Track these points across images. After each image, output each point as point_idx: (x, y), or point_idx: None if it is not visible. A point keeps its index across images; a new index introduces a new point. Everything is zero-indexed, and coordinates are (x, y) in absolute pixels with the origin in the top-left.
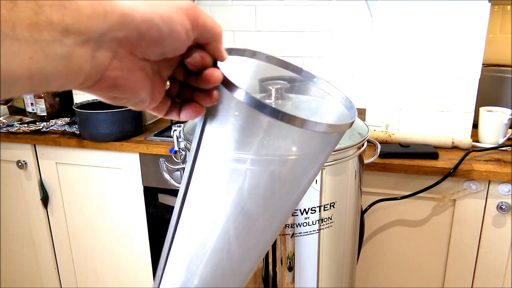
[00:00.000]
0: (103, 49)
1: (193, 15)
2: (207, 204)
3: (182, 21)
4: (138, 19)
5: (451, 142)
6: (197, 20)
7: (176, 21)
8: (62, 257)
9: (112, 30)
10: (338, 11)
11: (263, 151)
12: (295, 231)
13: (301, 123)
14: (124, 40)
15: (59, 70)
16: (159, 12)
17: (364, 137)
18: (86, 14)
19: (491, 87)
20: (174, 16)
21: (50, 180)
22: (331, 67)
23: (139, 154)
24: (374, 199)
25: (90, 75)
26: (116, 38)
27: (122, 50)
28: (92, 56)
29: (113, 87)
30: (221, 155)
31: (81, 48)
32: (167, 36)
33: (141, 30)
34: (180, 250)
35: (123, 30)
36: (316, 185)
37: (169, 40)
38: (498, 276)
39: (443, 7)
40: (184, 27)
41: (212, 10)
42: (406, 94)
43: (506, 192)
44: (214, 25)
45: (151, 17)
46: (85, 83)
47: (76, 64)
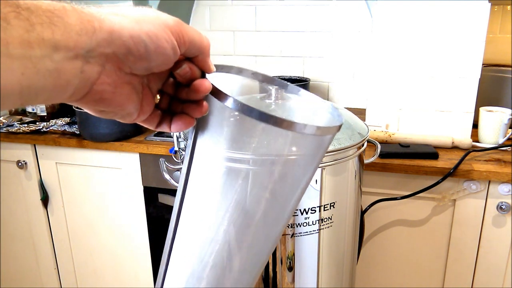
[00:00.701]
0: (91, 64)
1: (179, 31)
2: (204, 214)
3: (167, 37)
4: (126, 35)
5: (451, 142)
6: (183, 36)
7: (161, 38)
8: (62, 257)
9: (100, 46)
10: (338, 11)
11: (256, 155)
12: (295, 231)
13: (288, 126)
14: (112, 56)
15: (48, 84)
16: (145, 30)
17: (364, 137)
18: (75, 31)
19: (491, 87)
20: (159, 33)
21: (50, 180)
22: (331, 67)
23: (139, 154)
24: (374, 199)
25: (78, 89)
26: (104, 53)
27: (110, 65)
28: (80, 70)
29: (100, 100)
30: (214, 164)
31: (70, 63)
32: (153, 52)
33: (129, 46)
34: (179, 261)
35: (111, 46)
36: (316, 185)
37: (155, 56)
38: (498, 276)
39: (443, 7)
40: (170, 43)
41: (212, 10)
42: (406, 94)
43: (506, 192)
44: (201, 39)
45: (138, 34)
46: (73, 97)
47: (65, 79)
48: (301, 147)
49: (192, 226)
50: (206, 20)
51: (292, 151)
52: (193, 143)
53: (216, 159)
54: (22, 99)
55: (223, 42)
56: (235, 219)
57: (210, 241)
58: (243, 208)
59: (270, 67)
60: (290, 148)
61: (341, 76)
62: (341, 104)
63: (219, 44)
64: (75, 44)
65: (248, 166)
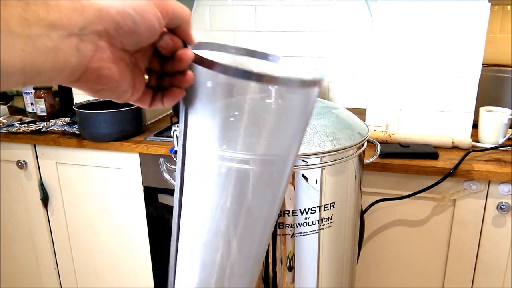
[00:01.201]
0: (85, 42)
1: (161, 4)
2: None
3: (152, 10)
4: (113, 11)
5: (451, 142)
6: (166, 8)
7: (147, 11)
8: (62, 257)
9: (91, 24)
10: (338, 11)
11: (248, 122)
12: (295, 231)
13: (271, 80)
14: (103, 33)
15: (48, 62)
16: (131, 4)
17: (364, 137)
18: (67, 10)
19: (491, 87)
20: (144, 7)
21: (50, 180)
22: (331, 67)
23: (139, 154)
24: (374, 199)
25: (76, 67)
26: (96, 31)
27: (102, 42)
28: (76, 49)
29: (98, 78)
30: (208, 137)
31: (66, 41)
32: (141, 24)
33: (117, 21)
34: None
35: (101, 23)
36: (316, 185)
37: (143, 28)
38: (498, 276)
39: (443, 7)
40: (155, 15)
41: (212, 10)
42: (406, 94)
43: (506, 192)
44: (183, 10)
45: (124, 9)
46: (72, 76)
47: (63, 57)
48: (287, 105)
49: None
50: (206, 20)
51: (279, 107)
52: (185, 118)
53: (209, 131)
54: (25, 77)
55: (223, 42)
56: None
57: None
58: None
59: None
60: (278, 106)
61: (341, 76)
62: (341, 104)
63: None
64: (69, 22)
65: (242, 131)
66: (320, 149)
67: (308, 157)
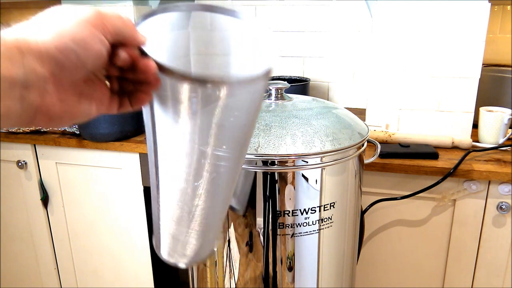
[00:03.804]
0: (30, 89)
1: (100, 22)
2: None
3: (93, 35)
4: (53, 50)
5: (451, 142)
6: (106, 26)
7: (88, 38)
8: (62, 257)
9: (34, 71)
10: (338, 11)
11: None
12: (295, 231)
13: (216, 84)
14: (49, 75)
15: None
16: (70, 37)
17: (364, 137)
18: (4, 60)
19: (491, 87)
20: (84, 34)
21: (50, 180)
22: (331, 67)
23: (139, 154)
24: (374, 199)
25: (23, 114)
26: (41, 76)
27: (49, 85)
28: (20, 98)
29: (52, 118)
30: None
31: (8, 92)
32: (84, 56)
33: (61, 60)
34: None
35: (44, 67)
36: (316, 185)
37: (88, 58)
38: (498, 276)
39: (443, 7)
40: (98, 40)
41: None
42: (406, 94)
43: (506, 192)
44: (123, 20)
45: (64, 45)
46: (20, 122)
47: (4, 108)
48: (235, 96)
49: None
50: None
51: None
52: (152, 112)
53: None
54: None
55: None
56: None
57: None
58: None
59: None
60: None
61: (341, 76)
62: (341, 104)
63: None
64: (8, 74)
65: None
66: (320, 149)
67: (308, 157)
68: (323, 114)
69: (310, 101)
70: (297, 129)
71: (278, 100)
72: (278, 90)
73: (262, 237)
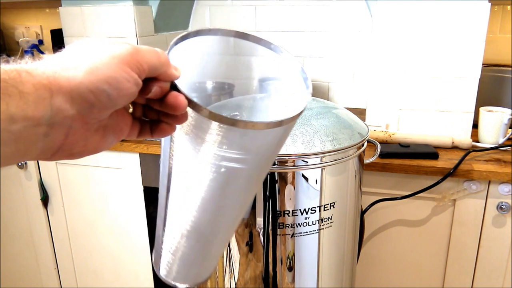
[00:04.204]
0: (56, 128)
1: (136, 62)
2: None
3: (127, 76)
4: (85, 91)
5: (451, 142)
6: (141, 65)
7: (121, 80)
8: (62, 257)
9: (62, 111)
10: (338, 11)
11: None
12: (295, 231)
13: (247, 125)
14: (77, 115)
15: (7, 151)
16: (103, 78)
17: (364, 137)
18: (31, 101)
19: (491, 87)
20: (118, 75)
21: (50, 180)
22: (331, 67)
23: (139, 154)
24: (374, 199)
25: (44, 151)
26: (68, 116)
27: (76, 123)
28: (44, 135)
29: (72, 155)
30: (195, 156)
31: (32, 130)
32: (116, 97)
33: (91, 101)
34: None
35: (73, 108)
36: (316, 185)
37: (119, 99)
38: (498, 276)
39: (443, 7)
40: (132, 80)
41: (212, 10)
42: (406, 94)
43: (506, 192)
44: (159, 58)
45: (96, 85)
46: (40, 157)
47: (24, 145)
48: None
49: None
50: (206, 20)
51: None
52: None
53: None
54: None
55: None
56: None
57: None
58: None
59: None
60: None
61: (341, 76)
62: (341, 104)
63: None
64: (33, 114)
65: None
66: (320, 149)
67: (308, 157)
68: (323, 114)
69: (310, 101)
70: (297, 129)
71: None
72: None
73: (262, 237)
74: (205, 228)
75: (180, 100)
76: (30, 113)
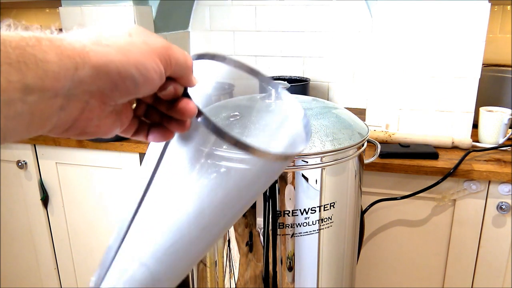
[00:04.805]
0: (72, 101)
1: (167, 56)
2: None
3: (156, 66)
4: (113, 71)
5: (451, 142)
6: (171, 60)
7: (150, 68)
8: (62, 257)
9: (84, 84)
10: (338, 11)
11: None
12: (295, 231)
13: (245, 149)
14: (96, 92)
15: (20, 126)
16: (133, 62)
17: (364, 137)
18: (51, 70)
19: (491, 87)
20: (148, 63)
21: (50, 180)
22: (331, 67)
23: (139, 154)
24: (374, 199)
25: (57, 126)
26: (88, 90)
27: (93, 100)
28: (60, 108)
29: (83, 133)
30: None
31: (47, 102)
32: (142, 84)
33: (116, 82)
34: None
35: (95, 83)
36: (316, 185)
37: (143, 88)
38: (498, 276)
39: (443, 7)
40: (159, 71)
41: (212, 10)
42: (406, 94)
43: (506, 192)
44: (186, 60)
45: (126, 68)
46: (52, 132)
47: (40, 118)
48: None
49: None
50: (206, 20)
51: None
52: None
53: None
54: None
55: (223, 42)
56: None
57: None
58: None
59: (270, 67)
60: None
61: (341, 76)
62: (341, 104)
63: (219, 44)
64: (52, 85)
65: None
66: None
67: (308, 157)
68: (323, 114)
69: (310, 101)
70: None
71: (278, 100)
72: (276, 90)
73: (262, 237)
74: (178, 252)
75: (190, 107)
76: (48, 83)
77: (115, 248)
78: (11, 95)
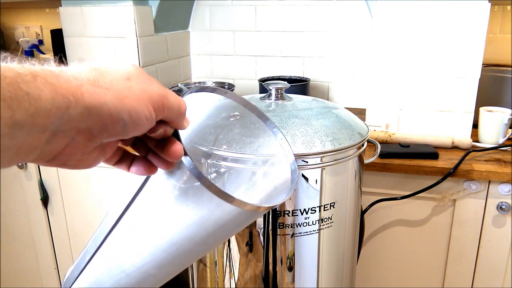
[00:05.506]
0: (59, 136)
1: (161, 103)
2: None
3: (148, 113)
4: (105, 113)
5: (451, 142)
6: (163, 106)
7: (141, 115)
8: (62, 257)
9: (73, 122)
10: (338, 11)
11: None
12: (295, 231)
13: (225, 199)
14: (85, 130)
15: (4, 157)
16: (127, 107)
17: (364, 137)
18: (44, 108)
19: (491, 87)
20: (140, 109)
21: (50, 180)
22: (331, 67)
23: None
24: (374, 199)
25: (41, 157)
26: (76, 127)
27: (79, 137)
28: (46, 142)
29: (65, 165)
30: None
31: (34, 136)
32: (131, 129)
33: (106, 123)
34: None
35: (85, 122)
36: (316, 185)
37: (132, 132)
38: (498, 276)
39: (443, 7)
40: (150, 118)
41: (212, 10)
42: (406, 94)
43: (506, 192)
44: (180, 107)
45: (118, 112)
46: (34, 161)
47: (25, 151)
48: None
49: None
50: (206, 20)
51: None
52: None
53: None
54: None
55: (223, 42)
56: None
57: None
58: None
59: (270, 67)
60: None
61: (341, 76)
62: (341, 104)
63: (219, 44)
64: (42, 122)
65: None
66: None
67: (308, 157)
68: (323, 114)
69: (310, 101)
70: (297, 129)
71: (278, 100)
72: (278, 90)
73: (262, 237)
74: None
75: (177, 149)
76: (39, 120)
77: (91, 253)
78: (0, 130)
